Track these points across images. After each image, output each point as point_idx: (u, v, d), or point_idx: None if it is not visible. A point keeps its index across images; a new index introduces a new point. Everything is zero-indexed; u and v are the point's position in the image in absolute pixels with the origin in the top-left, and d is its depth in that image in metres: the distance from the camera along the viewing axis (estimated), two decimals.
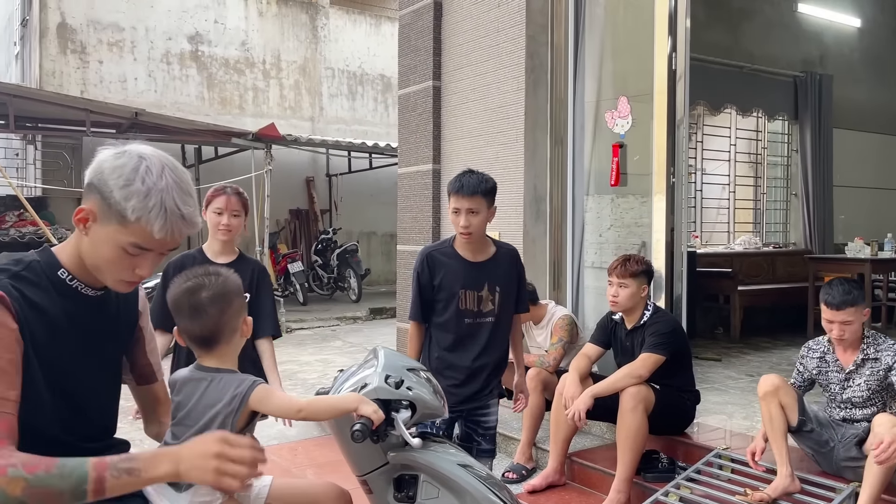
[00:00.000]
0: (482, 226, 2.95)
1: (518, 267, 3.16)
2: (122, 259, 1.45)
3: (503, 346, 3.13)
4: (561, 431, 3.76)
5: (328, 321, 10.97)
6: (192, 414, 1.57)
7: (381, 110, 16.06)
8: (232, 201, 3.11)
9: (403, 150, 5.93)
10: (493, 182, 3.00)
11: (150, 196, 1.41)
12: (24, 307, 1.39)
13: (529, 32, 4.86)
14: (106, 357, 1.60)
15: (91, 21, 12.99)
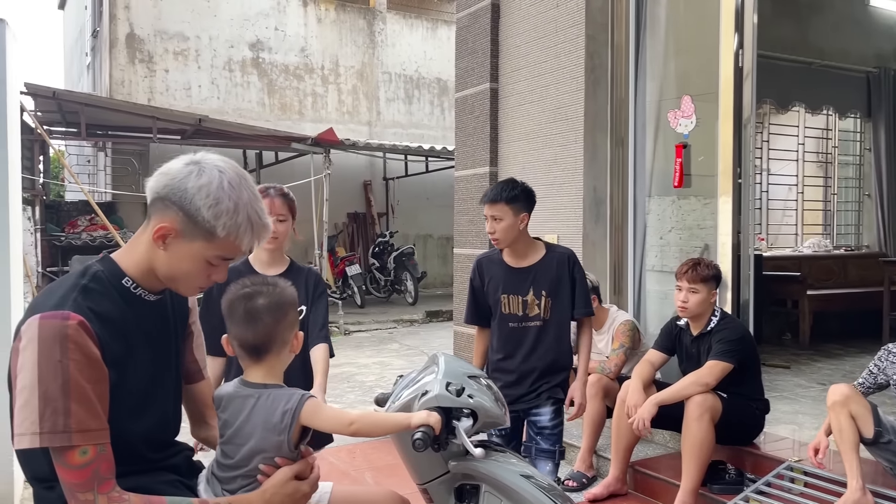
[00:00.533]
0: (508, 232, 3.00)
1: (573, 271, 3.12)
2: (203, 270, 1.50)
3: (555, 350, 3.11)
4: (623, 439, 3.67)
5: (385, 324, 11.03)
6: (241, 432, 1.53)
7: (437, 114, 16.10)
8: (276, 204, 2.70)
9: (460, 154, 5.91)
10: (521, 190, 3.04)
11: (238, 212, 1.45)
12: (97, 323, 1.39)
13: (589, 32, 4.77)
14: (171, 359, 1.62)
15: (158, 31, 13.39)
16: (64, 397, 1.30)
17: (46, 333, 1.32)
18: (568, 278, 3.09)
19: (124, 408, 1.44)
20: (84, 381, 1.33)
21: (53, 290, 1.43)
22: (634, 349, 4.10)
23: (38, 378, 1.30)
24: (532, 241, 3.14)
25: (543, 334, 3.08)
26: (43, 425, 1.30)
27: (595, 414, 3.93)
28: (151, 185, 1.49)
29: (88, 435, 1.32)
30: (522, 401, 3.10)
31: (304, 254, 13.42)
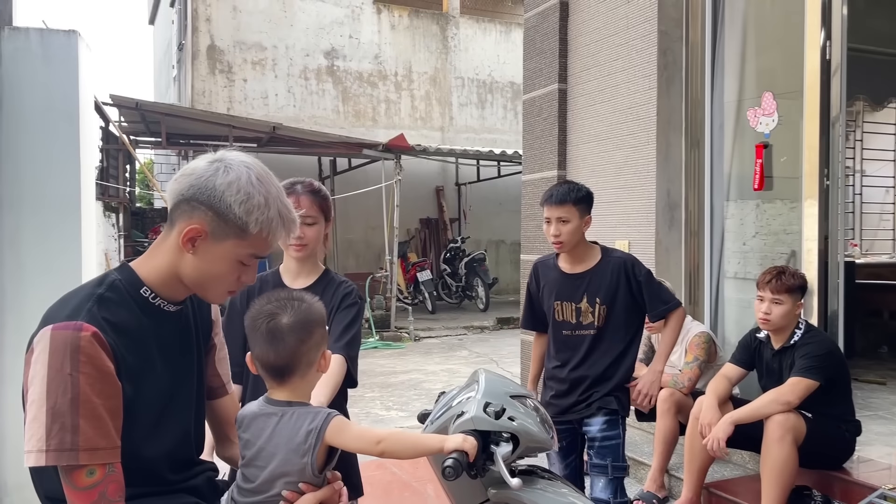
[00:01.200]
0: (574, 235, 2.86)
1: (632, 274, 2.92)
2: (233, 271, 1.44)
3: (609, 359, 2.94)
4: (697, 459, 3.44)
5: (455, 330, 10.95)
6: (262, 454, 1.43)
7: (510, 118, 15.94)
8: (303, 203, 2.22)
9: (528, 157, 5.75)
10: (587, 191, 2.93)
11: (269, 206, 1.40)
12: (113, 335, 1.32)
13: (662, 28, 4.55)
14: (192, 374, 1.54)
15: (237, 42, 13.76)
16: (73, 413, 1.23)
17: (57, 345, 1.26)
18: (626, 284, 2.91)
19: (140, 424, 1.37)
20: (95, 397, 1.26)
21: (68, 300, 1.36)
22: (710, 363, 3.85)
23: (47, 392, 1.24)
24: (589, 245, 2.99)
25: (597, 343, 2.93)
26: (49, 442, 1.23)
27: (667, 431, 3.71)
28: (174, 188, 1.41)
29: (97, 454, 1.25)
30: (573, 411, 2.96)
31: (377, 259, 13.50)
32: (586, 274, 2.93)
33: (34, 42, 3.84)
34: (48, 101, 3.77)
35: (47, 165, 3.76)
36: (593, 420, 2.91)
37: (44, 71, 3.79)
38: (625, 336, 2.95)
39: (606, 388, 2.92)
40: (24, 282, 3.66)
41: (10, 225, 3.70)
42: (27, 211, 3.69)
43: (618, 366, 2.94)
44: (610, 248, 3.04)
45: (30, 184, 3.70)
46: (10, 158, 3.71)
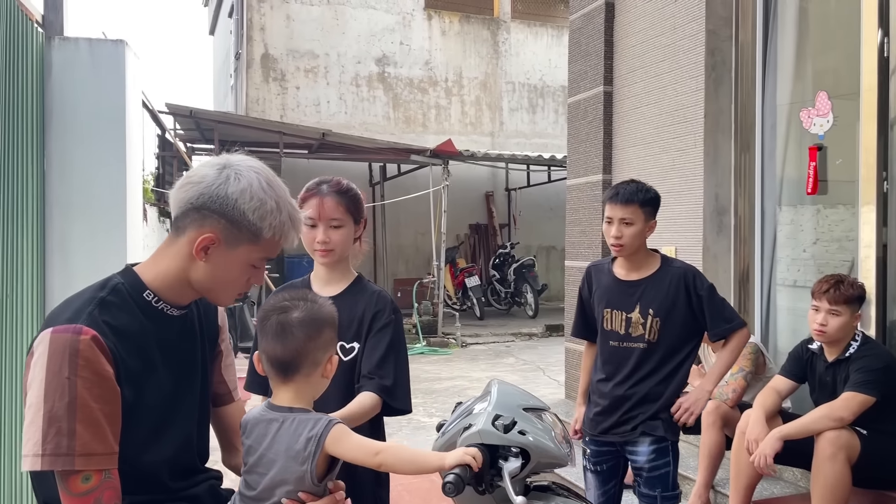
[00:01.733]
0: (636, 239, 2.66)
1: (693, 288, 2.70)
2: (245, 274, 1.45)
3: (658, 378, 2.71)
4: (743, 476, 3.29)
5: (503, 336, 10.85)
6: (263, 461, 1.40)
7: (561, 122, 15.77)
8: (328, 205, 2.03)
9: (572, 161, 5.65)
10: (655, 193, 2.75)
11: (281, 210, 1.42)
12: (113, 339, 1.31)
13: (710, 27, 4.40)
14: (196, 379, 1.52)
15: (290, 50, 13.99)
16: (69, 417, 1.22)
17: (56, 348, 1.25)
18: (685, 298, 2.68)
19: (141, 429, 1.36)
20: (92, 401, 1.24)
21: (70, 303, 1.36)
22: (757, 374, 3.69)
23: (45, 395, 1.23)
24: (649, 252, 2.79)
25: (647, 358, 2.70)
26: (45, 447, 1.22)
27: (712, 445, 3.57)
28: (182, 196, 1.40)
29: (92, 459, 1.24)
30: (615, 432, 2.77)
31: (426, 264, 13.51)
32: (642, 282, 2.72)
33: (83, 51, 3.94)
34: (96, 108, 3.86)
35: (95, 170, 3.86)
36: (639, 447, 2.72)
37: (92, 79, 3.88)
38: (678, 354, 2.73)
39: (652, 410, 2.70)
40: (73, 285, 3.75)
41: (60, 229, 3.80)
42: (76, 215, 3.79)
43: (666, 385, 2.72)
44: (671, 258, 2.84)
45: (78, 188, 3.80)
46: (59, 164, 3.81)
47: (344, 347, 2.03)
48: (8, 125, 3.34)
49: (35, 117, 3.68)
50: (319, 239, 2.02)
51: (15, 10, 3.46)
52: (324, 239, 2.02)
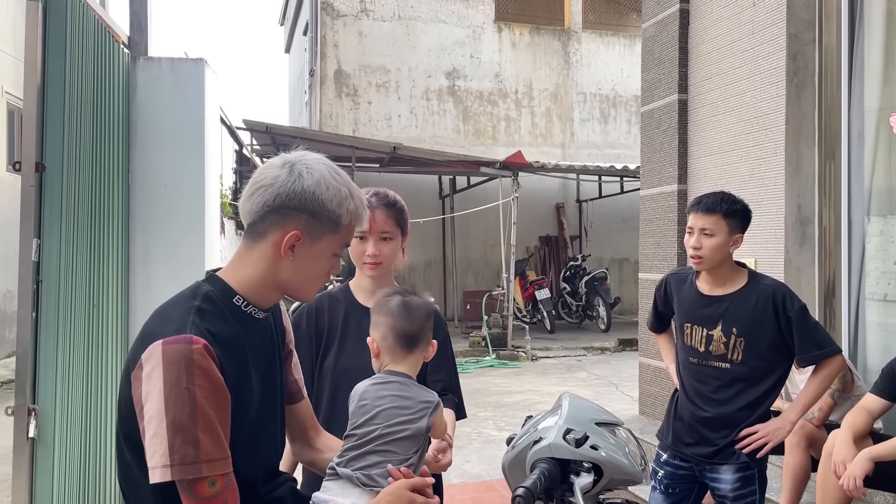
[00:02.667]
0: (717, 252, 2.52)
1: (782, 308, 2.52)
2: (328, 265, 1.48)
3: (742, 403, 2.56)
4: (830, 500, 3.12)
5: (574, 350, 10.68)
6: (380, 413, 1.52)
7: (634, 132, 15.51)
8: (378, 218, 2.03)
9: (646, 171, 5.52)
10: (744, 206, 2.60)
11: (353, 195, 1.45)
12: (216, 346, 1.33)
13: (791, 31, 4.24)
14: (276, 380, 1.54)
15: (362, 66, 14.25)
16: (192, 426, 1.25)
17: (171, 359, 1.26)
18: (773, 319, 2.52)
19: (240, 436, 1.36)
20: (210, 409, 1.27)
21: (167, 314, 1.37)
22: (845, 393, 3.50)
23: (165, 406, 1.25)
24: (736, 267, 2.63)
25: (729, 380, 2.57)
26: (173, 457, 1.24)
27: (797, 466, 3.40)
28: (255, 202, 1.41)
29: (215, 465, 1.27)
30: (693, 454, 2.64)
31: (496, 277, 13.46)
32: (726, 298, 2.58)
33: (165, 70, 4.09)
34: (176, 125, 4.00)
35: (175, 185, 3.99)
36: (722, 475, 2.58)
37: (173, 96, 4.03)
38: (764, 378, 2.57)
39: (735, 435, 2.56)
40: (154, 295, 3.88)
41: (142, 241, 3.94)
42: (157, 228, 3.93)
43: (751, 411, 2.57)
44: (761, 274, 2.67)
45: (159, 202, 3.94)
46: (142, 179, 3.96)
47: None
48: (97, 143, 3.50)
49: (121, 134, 3.84)
50: (370, 252, 2.05)
51: (103, 33, 3.63)
52: (374, 252, 2.04)
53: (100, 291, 3.52)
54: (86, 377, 3.35)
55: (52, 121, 3.08)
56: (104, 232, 3.59)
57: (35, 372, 2.98)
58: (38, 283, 3.00)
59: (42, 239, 3.02)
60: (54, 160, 3.07)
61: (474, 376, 8.71)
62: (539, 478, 1.26)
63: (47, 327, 3.02)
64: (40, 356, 3.00)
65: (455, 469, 5.03)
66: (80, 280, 3.30)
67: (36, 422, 2.95)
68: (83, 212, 3.33)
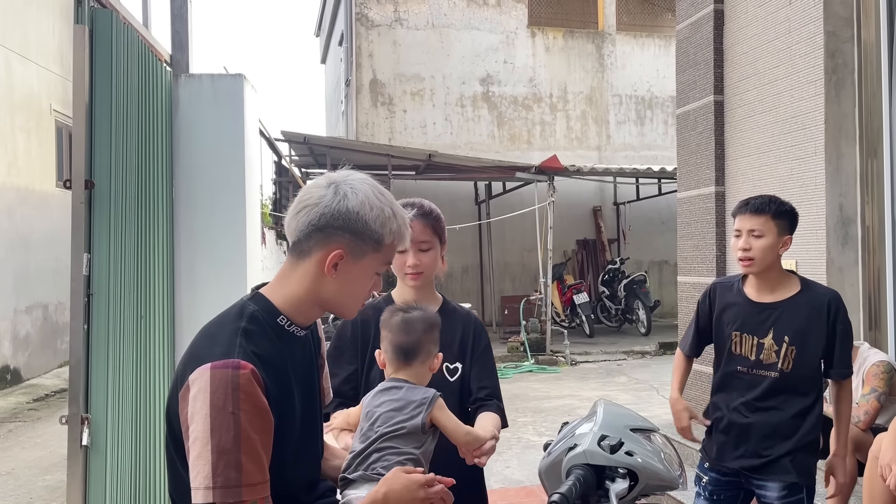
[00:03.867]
0: (767, 253, 2.48)
1: (835, 320, 2.50)
2: (369, 283, 1.51)
3: (793, 412, 2.53)
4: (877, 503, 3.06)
5: (614, 355, 10.60)
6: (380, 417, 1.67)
7: (671, 133, 15.33)
8: (416, 229, 2.03)
9: (683, 173, 5.48)
10: (791, 207, 2.57)
11: (396, 215, 1.48)
12: (261, 368, 1.35)
13: (829, 28, 4.18)
14: (315, 395, 1.58)
15: (397, 75, 14.37)
16: (236, 450, 1.27)
17: (218, 383, 1.29)
18: (826, 328, 2.49)
19: (286, 452, 1.40)
20: (254, 433, 1.30)
21: (215, 335, 1.39)
22: (893, 396, 3.43)
23: (211, 430, 1.27)
24: (785, 273, 2.58)
25: (779, 388, 2.52)
26: (216, 480, 1.26)
27: None
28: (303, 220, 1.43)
29: (255, 489, 1.29)
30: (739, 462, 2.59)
31: (534, 281, 13.43)
32: (778, 305, 2.53)
33: (206, 86, 4.20)
34: (217, 139, 4.11)
35: (216, 197, 4.09)
36: (769, 483, 2.54)
37: (214, 111, 4.14)
38: (812, 387, 2.55)
39: (785, 448, 2.51)
40: (199, 306, 3.99)
41: (187, 255, 4.05)
42: (200, 240, 4.03)
43: (801, 419, 2.53)
44: (814, 282, 2.62)
45: (202, 215, 4.04)
46: (185, 193, 4.07)
47: (448, 368, 2.07)
48: (143, 159, 3.62)
49: (165, 150, 3.96)
50: (410, 263, 2.09)
51: (146, 52, 3.75)
52: (415, 262, 2.09)
53: (147, 303, 3.63)
54: (135, 387, 3.45)
55: (100, 139, 3.19)
56: (150, 246, 3.70)
57: (87, 382, 3.09)
58: (89, 296, 3.11)
59: (92, 253, 3.13)
60: (102, 177, 3.18)
61: (513, 381, 8.70)
62: (574, 484, 1.28)
63: (98, 339, 3.13)
64: (92, 367, 3.10)
65: (496, 475, 5.05)
66: (129, 293, 3.41)
67: (89, 430, 3.05)
68: (130, 226, 3.44)
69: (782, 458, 2.51)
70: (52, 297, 10.08)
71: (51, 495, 4.77)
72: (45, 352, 10.04)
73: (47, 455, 5.81)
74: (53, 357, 10.25)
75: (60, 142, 10.28)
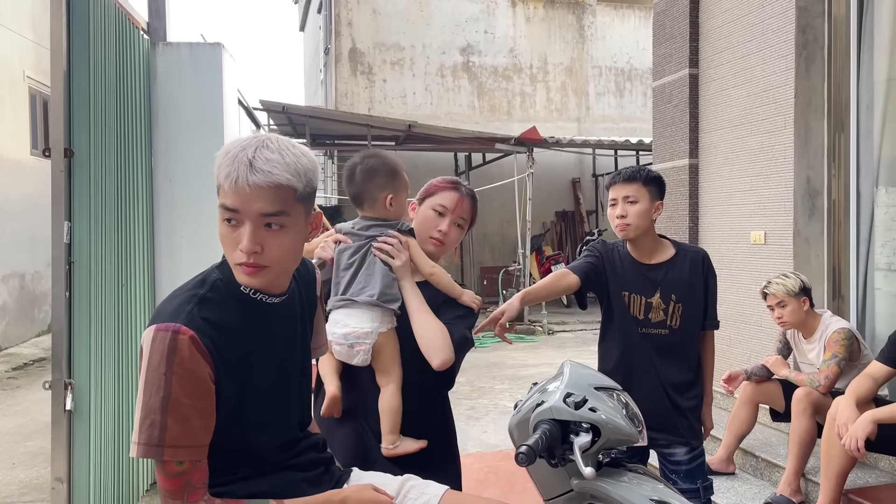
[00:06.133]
0: (642, 218, 2.55)
1: (706, 274, 2.65)
2: (227, 236, 1.38)
3: (684, 368, 2.65)
4: (835, 463, 3.21)
5: (590, 324, 10.77)
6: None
7: (650, 106, 15.37)
8: (464, 205, 2.17)
9: (658, 145, 5.57)
10: (658, 174, 2.66)
11: (229, 152, 1.35)
12: (213, 335, 1.36)
13: (801, 3, 4.25)
14: (297, 360, 1.60)
15: (377, 44, 14.26)
16: (162, 411, 1.30)
17: (157, 345, 1.31)
18: (702, 283, 2.64)
19: (251, 414, 1.44)
20: (184, 398, 1.31)
21: (174, 298, 1.40)
22: (852, 361, 3.58)
23: (144, 388, 1.31)
24: (659, 239, 2.68)
25: (668, 346, 2.61)
26: (140, 436, 1.30)
27: (803, 432, 3.50)
28: None
29: (179, 451, 1.31)
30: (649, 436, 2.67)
31: (513, 252, 13.55)
32: (662, 266, 2.62)
33: (184, 55, 4.19)
34: (196, 108, 4.11)
35: (196, 166, 4.10)
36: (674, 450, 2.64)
37: (192, 81, 4.13)
38: (696, 340, 2.69)
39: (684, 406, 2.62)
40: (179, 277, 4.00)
41: (166, 223, 4.08)
42: (180, 209, 4.05)
43: (694, 374, 2.67)
44: (682, 243, 2.74)
45: (181, 184, 4.06)
46: (164, 162, 4.08)
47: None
48: (121, 128, 3.62)
49: (143, 119, 3.96)
50: (442, 229, 2.13)
51: (123, 20, 3.73)
52: (446, 231, 2.14)
53: (127, 271, 3.66)
54: (116, 353, 3.51)
55: (79, 107, 3.19)
56: (130, 214, 3.72)
57: (70, 348, 3.13)
58: (70, 264, 3.14)
59: (73, 222, 3.15)
60: (82, 145, 3.19)
61: (491, 350, 8.84)
62: (541, 437, 1.36)
63: (80, 306, 3.17)
64: (74, 333, 3.15)
65: (473, 439, 5.18)
66: (109, 261, 3.44)
67: (72, 395, 3.11)
68: (110, 195, 3.46)
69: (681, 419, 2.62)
70: (28, 266, 10.01)
71: (33, 461, 4.82)
72: (23, 321, 10.00)
73: (28, 422, 5.85)
74: (31, 326, 10.22)
75: (35, 109, 10.13)
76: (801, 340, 3.83)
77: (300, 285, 1.60)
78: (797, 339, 3.85)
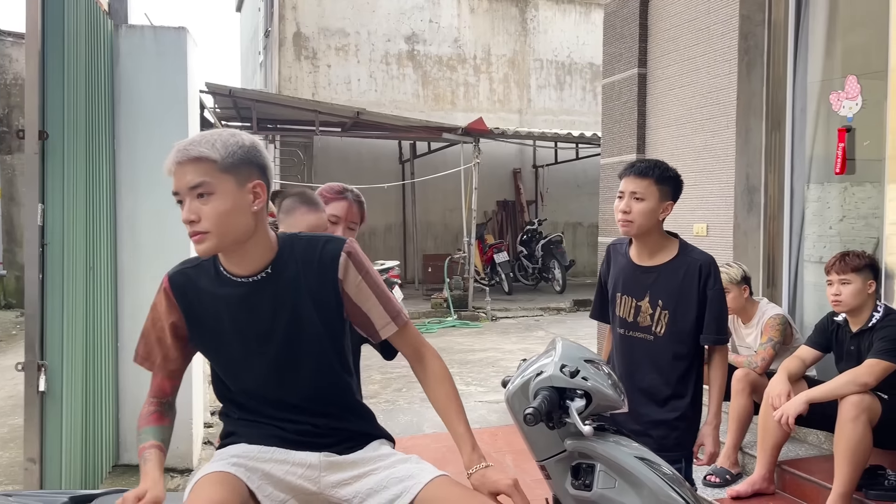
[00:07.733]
0: (646, 217, 2.40)
1: (705, 284, 2.46)
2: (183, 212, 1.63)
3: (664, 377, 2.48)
4: (770, 437, 3.53)
5: (532, 311, 11.09)
6: None
7: (589, 99, 15.86)
8: (353, 210, 2.42)
9: (607, 140, 5.84)
10: (676, 174, 2.50)
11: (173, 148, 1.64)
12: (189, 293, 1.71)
13: (744, 12, 4.55)
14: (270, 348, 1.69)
15: (322, 29, 14.18)
16: (143, 334, 1.80)
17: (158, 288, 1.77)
18: (696, 292, 2.45)
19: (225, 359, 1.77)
20: (151, 329, 1.78)
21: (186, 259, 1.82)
22: (785, 345, 3.91)
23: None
24: (667, 238, 2.53)
25: (651, 352, 2.48)
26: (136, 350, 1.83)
27: (741, 409, 3.80)
28: None
29: (144, 363, 1.82)
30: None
31: (456, 241, 13.76)
32: (655, 269, 2.48)
33: (148, 39, 4.18)
34: (160, 93, 4.11)
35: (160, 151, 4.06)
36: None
37: (156, 65, 4.13)
38: (690, 352, 2.49)
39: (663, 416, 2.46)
40: (140, 260, 4.03)
41: (129, 207, 4.08)
42: (143, 194, 4.06)
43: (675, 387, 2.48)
44: (691, 246, 2.56)
45: (144, 168, 4.06)
46: (127, 146, 4.08)
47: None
48: (89, 111, 3.62)
49: (106, 101, 3.94)
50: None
51: (91, 1, 3.71)
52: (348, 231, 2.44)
53: (94, 254, 3.67)
54: (84, 335, 3.52)
55: (53, 90, 3.19)
56: (96, 197, 3.73)
57: (42, 330, 3.15)
58: (43, 246, 3.15)
59: (45, 204, 3.16)
60: (56, 128, 3.19)
61: (438, 336, 9.04)
62: (543, 401, 1.54)
63: (53, 288, 3.18)
64: (47, 315, 3.16)
65: (428, 420, 5.36)
66: (80, 243, 3.45)
67: (45, 376, 3.13)
68: (80, 178, 3.47)
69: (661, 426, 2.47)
70: None
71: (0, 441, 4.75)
72: None
73: None
74: None
75: None
76: (740, 325, 4.14)
77: (300, 264, 1.69)
78: (737, 325, 4.15)
